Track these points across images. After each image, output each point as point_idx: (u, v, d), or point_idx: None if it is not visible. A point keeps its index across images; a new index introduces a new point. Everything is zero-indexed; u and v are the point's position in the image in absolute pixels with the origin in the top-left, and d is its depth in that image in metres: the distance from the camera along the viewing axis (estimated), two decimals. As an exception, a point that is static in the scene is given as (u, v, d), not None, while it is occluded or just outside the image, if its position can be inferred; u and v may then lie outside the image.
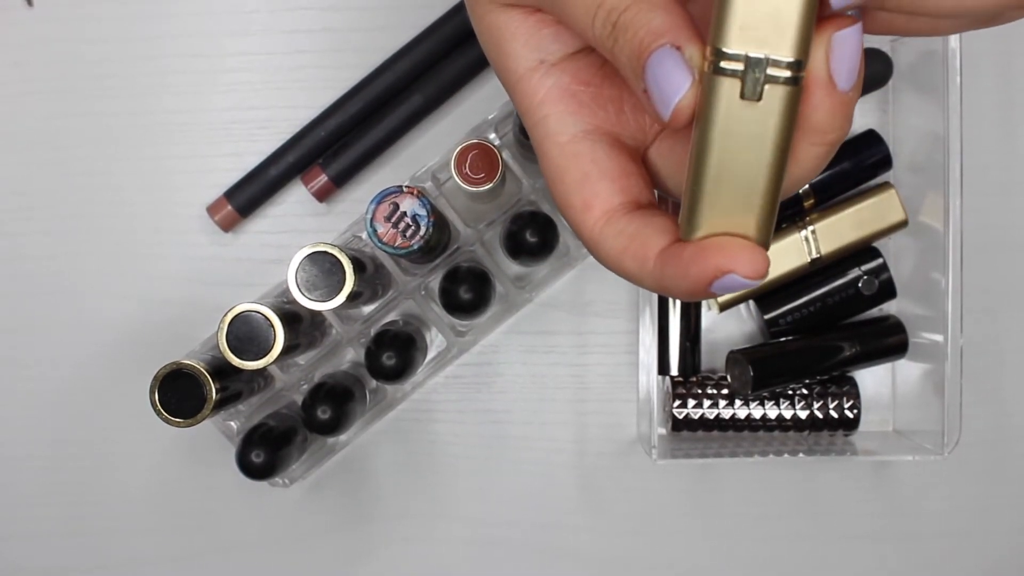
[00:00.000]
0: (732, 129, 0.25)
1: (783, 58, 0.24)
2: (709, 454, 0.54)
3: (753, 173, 0.25)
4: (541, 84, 0.30)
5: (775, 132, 0.25)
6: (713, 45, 0.24)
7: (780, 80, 0.24)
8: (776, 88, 0.24)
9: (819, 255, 0.55)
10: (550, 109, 0.30)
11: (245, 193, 0.56)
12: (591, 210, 0.29)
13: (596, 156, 0.29)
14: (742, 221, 0.26)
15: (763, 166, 0.25)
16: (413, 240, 0.47)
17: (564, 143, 0.29)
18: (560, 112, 0.30)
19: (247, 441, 0.50)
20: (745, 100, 0.25)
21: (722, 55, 0.24)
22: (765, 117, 0.25)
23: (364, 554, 0.59)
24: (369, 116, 0.56)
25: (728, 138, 0.25)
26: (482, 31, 0.31)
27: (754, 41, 0.24)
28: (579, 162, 0.29)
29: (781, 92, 0.24)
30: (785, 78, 0.24)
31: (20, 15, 0.57)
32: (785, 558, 0.60)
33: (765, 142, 0.25)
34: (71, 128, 0.57)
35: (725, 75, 0.24)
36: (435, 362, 0.57)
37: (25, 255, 0.58)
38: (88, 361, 0.58)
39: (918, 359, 0.56)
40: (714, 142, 0.25)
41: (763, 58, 0.24)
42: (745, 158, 0.25)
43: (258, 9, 0.57)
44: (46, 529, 0.59)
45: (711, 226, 0.26)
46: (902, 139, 0.57)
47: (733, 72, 0.24)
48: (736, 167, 0.25)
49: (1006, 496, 0.59)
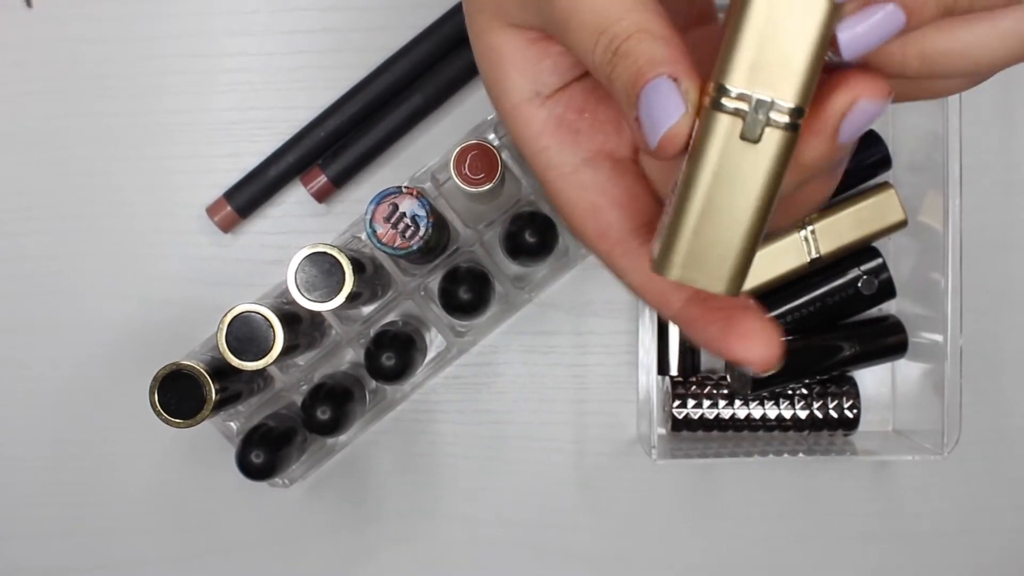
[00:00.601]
0: (725, 168, 0.25)
1: (786, 103, 0.24)
2: (709, 454, 0.54)
3: (739, 214, 0.25)
4: (536, 116, 0.30)
5: (767, 176, 0.25)
6: (717, 81, 0.24)
7: (780, 124, 0.24)
8: (775, 132, 0.24)
9: (818, 255, 0.55)
10: (548, 141, 0.30)
11: (245, 194, 0.56)
12: (606, 239, 0.29)
13: (603, 185, 0.29)
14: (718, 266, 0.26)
15: (751, 208, 0.25)
16: (412, 241, 0.47)
17: (568, 174, 0.30)
18: (559, 144, 0.30)
19: (247, 442, 0.50)
20: (743, 140, 0.24)
21: (725, 92, 0.24)
22: (760, 159, 0.25)
23: (364, 554, 0.59)
24: (369, 116, 0.56)
25: (720, 176, 0.25)
26: (480, 50, 0.30)
27: (761, 83, 0.24)
28: (586, 193, 0.29)
29: (779, 137, 0.24)
30: (785, 123, 0.24)
31: (20, 15, 0.57)
32: (785, 558, 0.60)
33: (756, 184, 0.25)
34: (71, 128, 0.57)
35: (725, 112, 0.24)
36: (435, 363, 0.57)
37: (25, 255, 0.58)
38: (88, 361, 0.58)
39: (918, 359, 0.56)
40: (705, 179, 0.25)
41: (769, 100, 0.24)
42: (734, 198, 0.25)
43: (258, 9, 0.57)
44: (46, 529, 0.59)
45: (686, 266, 0.26)
46: (901, 139, 0.57)
47: (735, 110, 0.24)
48: (724, 206, 0.25)
49: (1006, 496, 0.59)
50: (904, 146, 0.56)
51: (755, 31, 0.24)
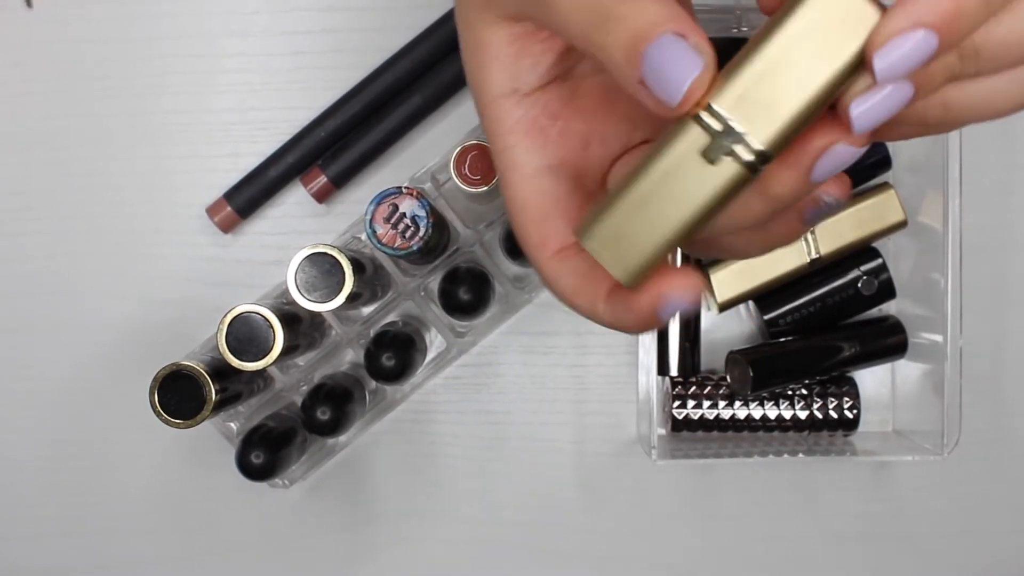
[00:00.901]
0: (675, 173, 0.25)
1: (756, 145, 0.24)
2: (709, 454, 0.54)
3: (668, 219, 0.26)
4: (510, 113, 0.30)
5: (708, 199, 0.25)
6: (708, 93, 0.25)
7: (741, 160, 0.25)
8: (733, 164, 0.25)
9: (818, 255, 0.55)
10: (516, 140, 0.30)
11: (245, 194, 0.56)
12: (546, 248, 0.30)
13: (558, 194, 0.30)
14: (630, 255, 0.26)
15: (680, 219, 0.26)
16: (412, 241, 0.47)
17: (528, 176, 0.30)
18: (527, 145, 0.30)
19: (247, 442, 0.50)
20: (702, 157, 0.25)
21: (708, 107, 0.24)
22: (709, 181, 0.25)
23: (364, 554, 0.59)
24: (368, 117, 0.56)
25: (667, 178, 0.25)
26: (466, 42, 0.31)
27: (743, 114, 0.24)
28: (541, 199, 0.30)
29: (735, 170, 0.25)
30: (746, 161, 0.25)
31: (20, 15, 0.57)
32: (785, 558, 0.60)
33: (695, 201, 0.25)
34: (71, 128, 0.57)
35: (699, 123, 0.25)
36: (435, 363, 0.57)
37: (25, 255, 0.58)
38: (88, 361, 0.58)
39: (918, 359, 0.56)
40: (654, 174, 0.25)
41: (741, 133, 0.24)
42: (671, 203, 0.26)
43: (258, 10, 0.57)
44: (46, 529, 0.59)
45: (603, 242, 0.26)
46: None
47: (707, 126, 0.25)
48: (658, 205, 0.26)
49: (1006, 496, 0.59)
50: (904, 146, 0.56)
51: (764, 63, 0.24)
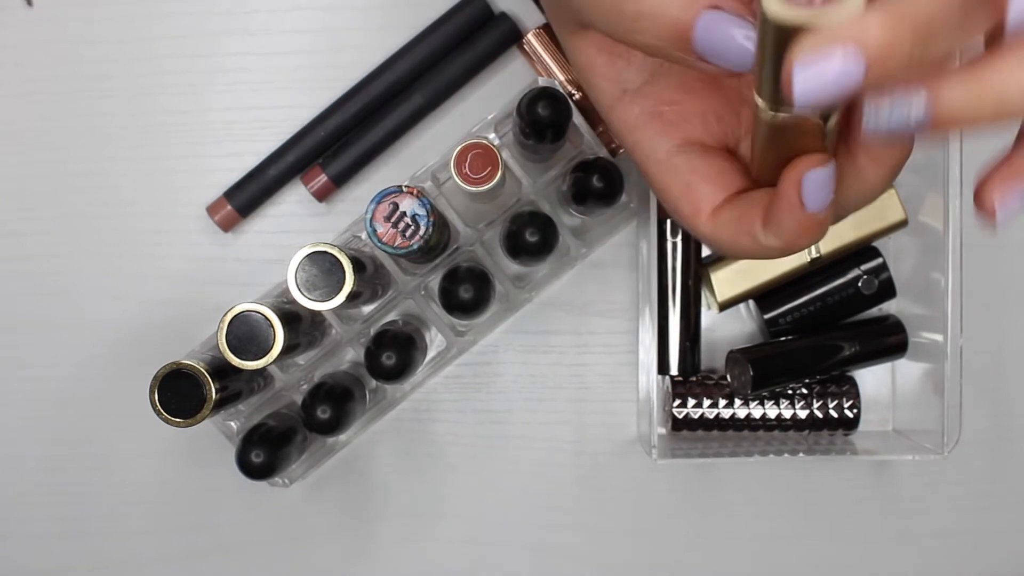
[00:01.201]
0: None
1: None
2: (709, 454, 0.54)
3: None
4: (629, 112, 0.33)
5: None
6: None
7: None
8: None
9: (819, 255, 0.55)
10: (641, 134, 0.33)
11: (245, 193, 0.56)
12: (700, 213, 0.32)
13: (693, 165, 0.32)
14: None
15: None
16: (413, 240, 0.47)
17: (661, 160, 0.32)
18: (651, 134, 0.32)
19: (247, 441, 0.50)
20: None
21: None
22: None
23: (364, 554, 0.59)
24: (369, 116, 0.56)
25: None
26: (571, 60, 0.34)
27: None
28: (678, 175, 0.32)
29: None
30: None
31: (20, 15, 0.57)
32: (785, 558, 0.60)
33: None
34: (71, 128, 0.57)
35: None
36: (435, 362, 0.57)
37: (25, 255, 0.58)
38: (88, 361, 0.58)
39: (918, 359, 0.56)
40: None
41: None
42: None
43: (257, 9, 0.57)
44: (46, 529, 0.59)
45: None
46: (902, 139, 0.57)
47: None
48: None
49: (1006, 496, 0.59)
50: (904, 146, 0.56)
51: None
